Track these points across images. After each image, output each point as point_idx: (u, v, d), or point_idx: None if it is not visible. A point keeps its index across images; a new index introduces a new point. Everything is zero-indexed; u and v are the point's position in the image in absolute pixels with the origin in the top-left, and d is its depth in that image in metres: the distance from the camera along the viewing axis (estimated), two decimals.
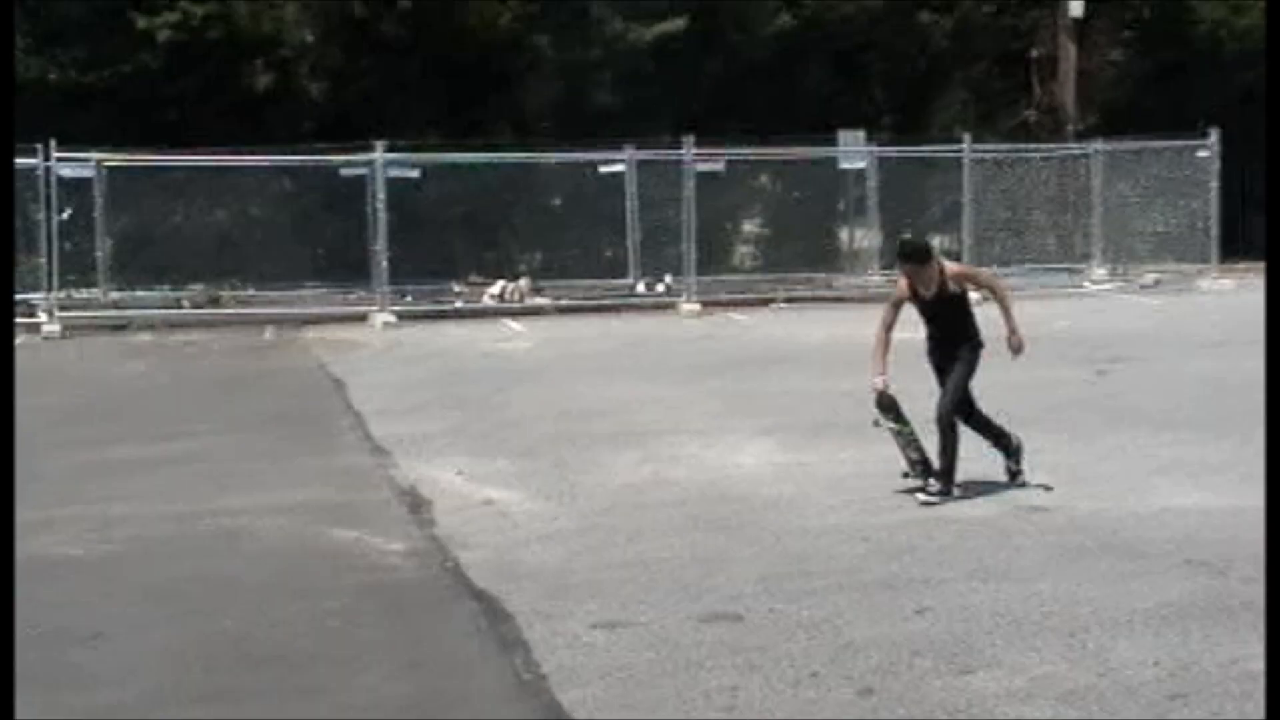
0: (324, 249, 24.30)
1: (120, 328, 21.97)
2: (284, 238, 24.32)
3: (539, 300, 23.71)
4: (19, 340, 20.68)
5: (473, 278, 24.56)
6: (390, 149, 22.39)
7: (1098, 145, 26.66)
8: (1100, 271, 26.50)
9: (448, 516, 9.35)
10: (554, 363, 17.36)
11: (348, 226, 23.18)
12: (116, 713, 5.99)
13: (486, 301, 23.59)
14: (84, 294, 23.16)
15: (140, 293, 23.66)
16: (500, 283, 23.88)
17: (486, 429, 12.69)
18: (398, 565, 8.31)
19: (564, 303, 23.63)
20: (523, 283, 24.08)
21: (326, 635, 7.03)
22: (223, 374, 17.37)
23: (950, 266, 9.75)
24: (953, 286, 9.54)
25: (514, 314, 22.75)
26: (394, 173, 22.36)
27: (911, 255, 9.64)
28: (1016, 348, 9.62)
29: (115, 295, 23.45)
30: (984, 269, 10.08)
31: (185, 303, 23.65)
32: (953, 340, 9.58)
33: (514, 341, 19.82)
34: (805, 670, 6.27)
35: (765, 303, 23.65)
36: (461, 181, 23.81)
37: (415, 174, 22.72)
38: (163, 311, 23.14)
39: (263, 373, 17.44)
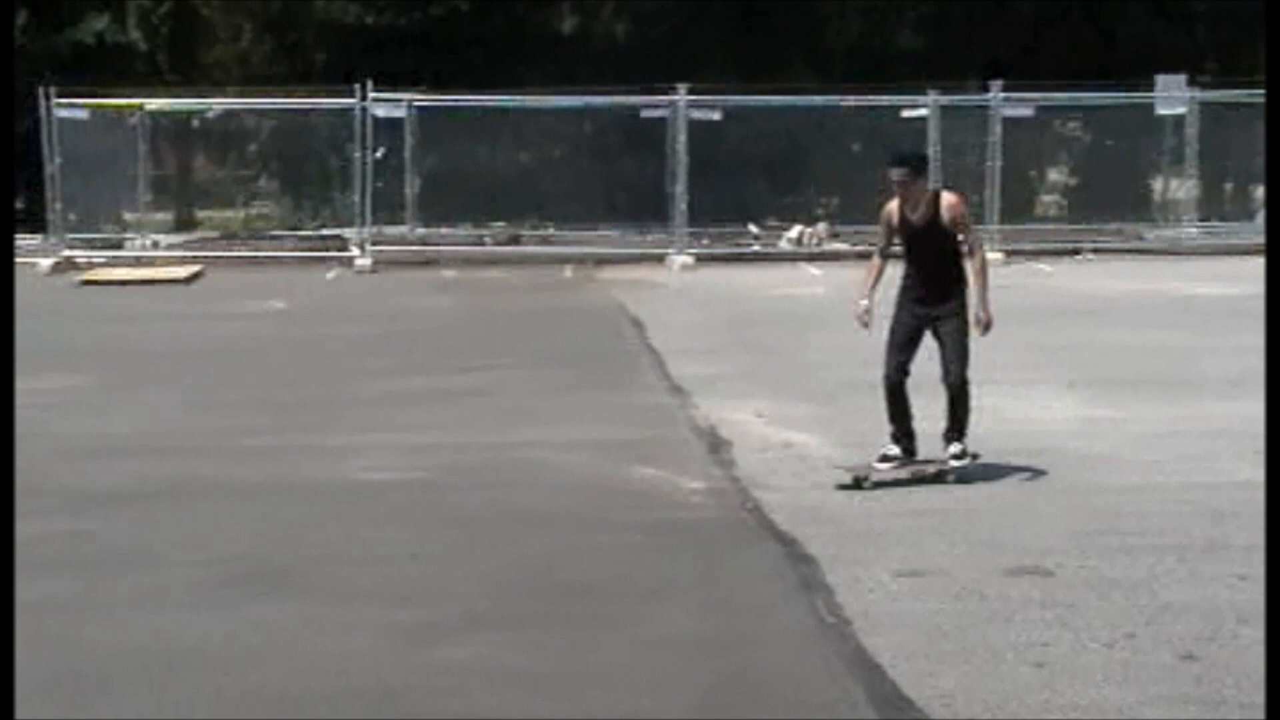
0: (623, 190, 24.55)
1: (426, 263, 22.65)
2: (584, 178, 24.68)
3: (836, 245, 23.41)
4: (332, 274, 21.56)
5: (770, 221, 24.46)
6: (691, 91, 22.40)
7: None
8: None
9: (747, 458, 9.31)
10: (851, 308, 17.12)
11: (647, 168, 23.35)
12: (437, 630, 6.19)
13: (783, 246, 23.46)
14: (393, 230, 23.94)
15: (445, 229, 24.38)
16: (797, 227, 23.71)
17: (785, 373, 12.62)
18: (698, 504, 8.32)
19: (861, 248, 23.21)
20: (820, 227, 23.85)
21: (629, 568, 7.09)
22: (524, 310, 17.75)
23: (948, 196, 8.65)
24: (945, 218, 8.48)
25: (811, 259, 22.55)
26: (695, 115, 22.37)
27: (904, 161, 8.63)
28: (986, 325, 8.65)
29: (422, 231, 24.21)
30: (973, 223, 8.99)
31: (488, 240, 24.25)
32: (937, 286, 8.45)
33: (811, 286, 19.65)
34: (1120, 630, 6.01)
35: (1071, 253, 22.87)
36: (761, 124, 23.66)
37: (716, 116, 22.67)
38: (466, 248, 23.77)
39: (563, 310, 17.74)
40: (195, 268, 21.68)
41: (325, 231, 24.60)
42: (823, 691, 5.52)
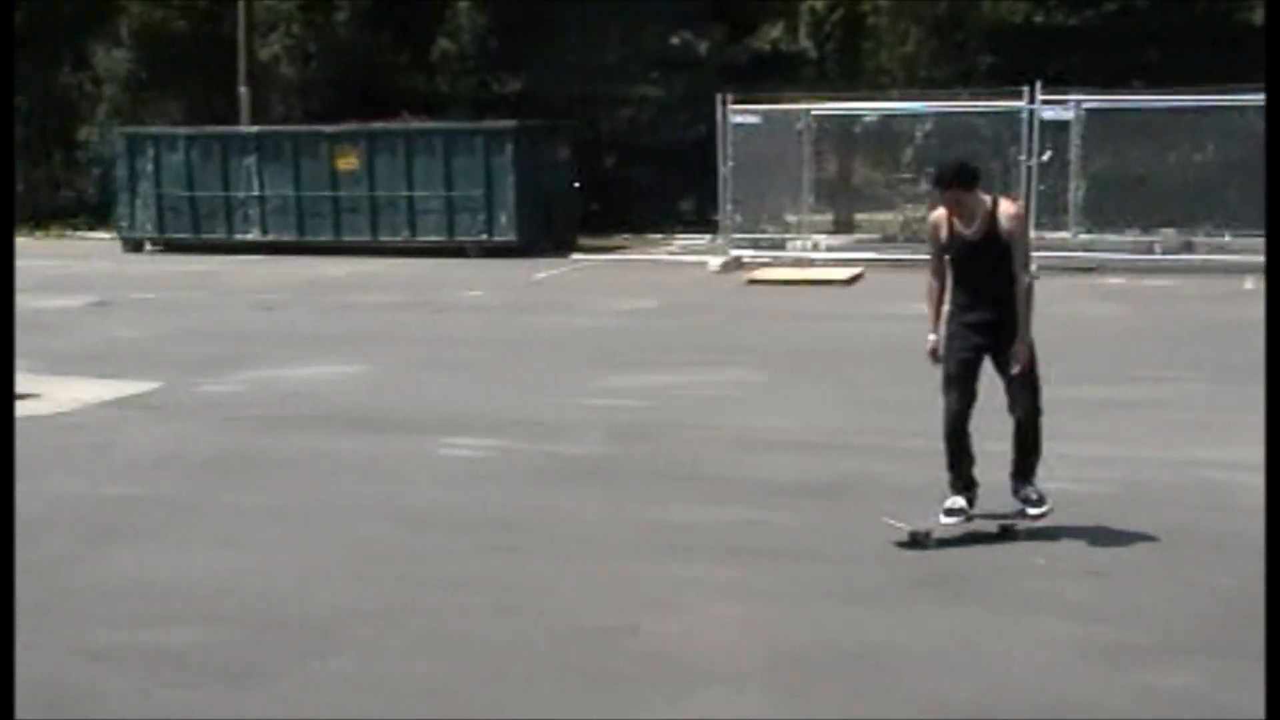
0: None
1: (1089, 270, 21.90)
2: (1263, 182, 23.01)
3: None
4: None
5: None
6: None
7: None
8: None
9: None
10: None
11: None
12: (1133, 652, 5.92)
13: None
14: (1054, 235, 23.31)
15: (1110, 236, 23.47)
16: None
17: None
18: None
19: None
20: None
21: None
22: (1198, 322, 16.78)
23: (1008, 205, 7.54)
24: (1004, 229, 7.38)
25: None
26: None
27: (954, 179, 7.37)
28: (1021, 360, 7.45)
29: (1085, 237, 23.42)
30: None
31: (1156, 247, 23.13)
32: (996, 309, 7.42)
33: None
34: None
35: None
36: None
37: None
38: (1131, 256, 22.79)
39: (1239, 323, 16.55)
40: (855, 270, 22.03)
41: None
42: None
